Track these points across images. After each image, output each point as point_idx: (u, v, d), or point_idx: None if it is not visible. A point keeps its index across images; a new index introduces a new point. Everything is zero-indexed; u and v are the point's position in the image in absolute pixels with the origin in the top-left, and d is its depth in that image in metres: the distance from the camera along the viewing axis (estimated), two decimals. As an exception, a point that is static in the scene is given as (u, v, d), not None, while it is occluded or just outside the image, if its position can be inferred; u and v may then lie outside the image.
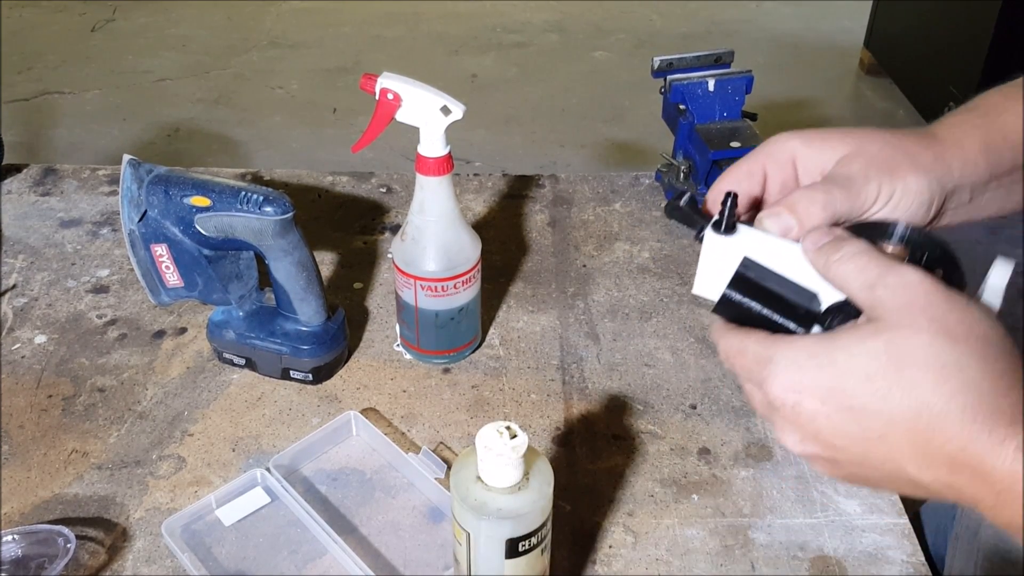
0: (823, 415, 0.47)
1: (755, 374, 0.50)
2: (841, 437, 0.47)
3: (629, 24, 3.83)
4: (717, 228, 0.54)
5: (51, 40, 3.72)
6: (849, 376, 0.46)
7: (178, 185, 0.81)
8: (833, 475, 0.51)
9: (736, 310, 0.52)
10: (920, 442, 0.45)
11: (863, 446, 0.47)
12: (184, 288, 0.87)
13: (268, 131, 3.12)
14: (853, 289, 0.48)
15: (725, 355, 0.52)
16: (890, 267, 0.47)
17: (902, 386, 0.44)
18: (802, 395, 0.47)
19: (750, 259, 0.53)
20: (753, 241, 0.53)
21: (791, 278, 0.52)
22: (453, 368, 0.92)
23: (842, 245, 0.49)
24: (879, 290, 0.47)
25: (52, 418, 0.86)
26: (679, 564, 0.74)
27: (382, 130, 0.81)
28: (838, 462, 0.49)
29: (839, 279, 0.49)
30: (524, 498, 0.60)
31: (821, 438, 0.48)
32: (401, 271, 0.87)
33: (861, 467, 0.48)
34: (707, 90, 1.12)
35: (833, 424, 0.47)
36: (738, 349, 0.51)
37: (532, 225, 1.12)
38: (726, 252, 0.54)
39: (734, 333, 0.52)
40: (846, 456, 0.48)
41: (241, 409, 0.87)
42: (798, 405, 0.47)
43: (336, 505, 0.78)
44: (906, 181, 0.55)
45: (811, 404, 0.47)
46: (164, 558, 0.74)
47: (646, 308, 0.99)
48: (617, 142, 3.05)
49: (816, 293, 0.51)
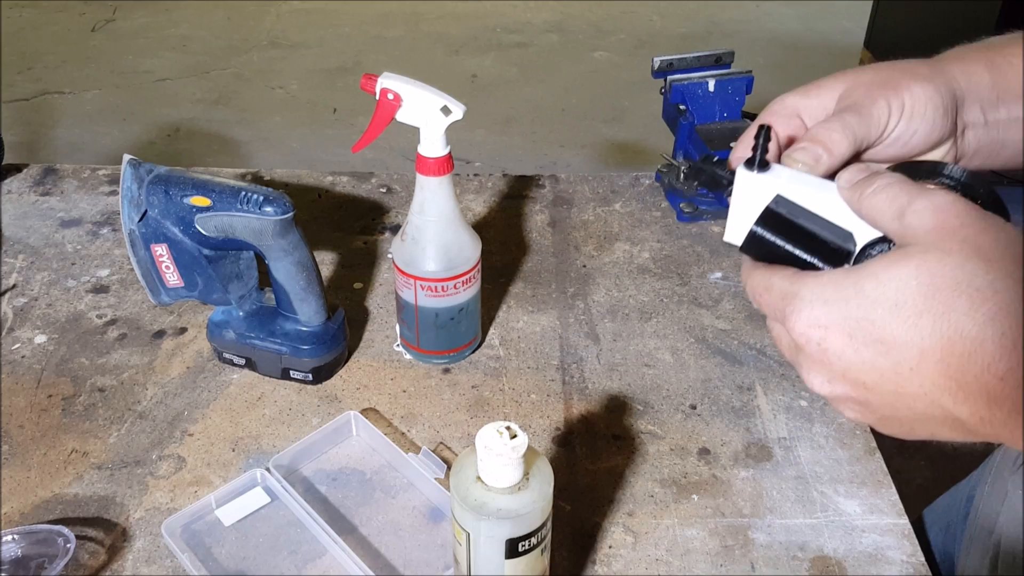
0: (851, 350, 0.44)
1: (780, 311, 0.47)
2: (871, 373, 0.44)
3: (629, 24, 3.84)
4: (750, 165, 0.51)
5: (51, 40, 3.72)
6: (877, 305, 0.43)
7: (178, 185, 0.81)
8: (865, 420, 0.47)
9: (764, 248, 0.50)
10: (955, 372, 0.41)
11: (895, 381, 0.43)
12: (184, 288, 0.87)
13: (268, 131, 3.12)
14: (885, 220, 0.46)
15: (752, 293, 0.50)
16: (920, 192, 0.45)
17: (934, 312, 0.41)
18: (828, 331, 0.44)
19: (782, 196, 0.50)
20: (786, 180, 0.51)
21: (825, 216, 0.49)
22: (453, 368, 0.92)
23: (874, 179, 0.47)
24: (908, 216, 0.44)
25: (52, 418, 0.86)
26: (679, 564, 0.74)
27: (382, 130, 0.81)
28: (869, 403, 0.46)
29: (871, 213, 0.47)
30: (524, 498, 0.60)
31: (850, 376, 0.45)
32: (401, 271, 0.87)
33: (894, 408, 0.45)
34: (707, 90, 1.12)
35: (862, 359, 0.44)
36: (764, 286, 0.48)
37: (532, 225, 1.12)
38: (758, 192, 0.51)
39: (761, 270, 0.49)
40: (877, 396, 0.45)
41: (241, 409, 0.87)
42: (824, 341, 0.45)
43: (336, 505, 0.78)
44: (911, 91, 0.53)
45: (838, 339, 0.44)
46: (164, 558, 0.74)
47: (646, 308, 0.99)
48: (617, 142, 3.05)
49: (851, 232, 0.49)
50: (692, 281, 1.03)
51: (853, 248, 0.49)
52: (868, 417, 0.47)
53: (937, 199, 0.44)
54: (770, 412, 0.87)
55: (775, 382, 0.90)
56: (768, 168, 0.51)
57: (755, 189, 0.51)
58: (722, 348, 0.94)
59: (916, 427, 0.46)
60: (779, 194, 0.50)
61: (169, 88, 3.39)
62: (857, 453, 0.83)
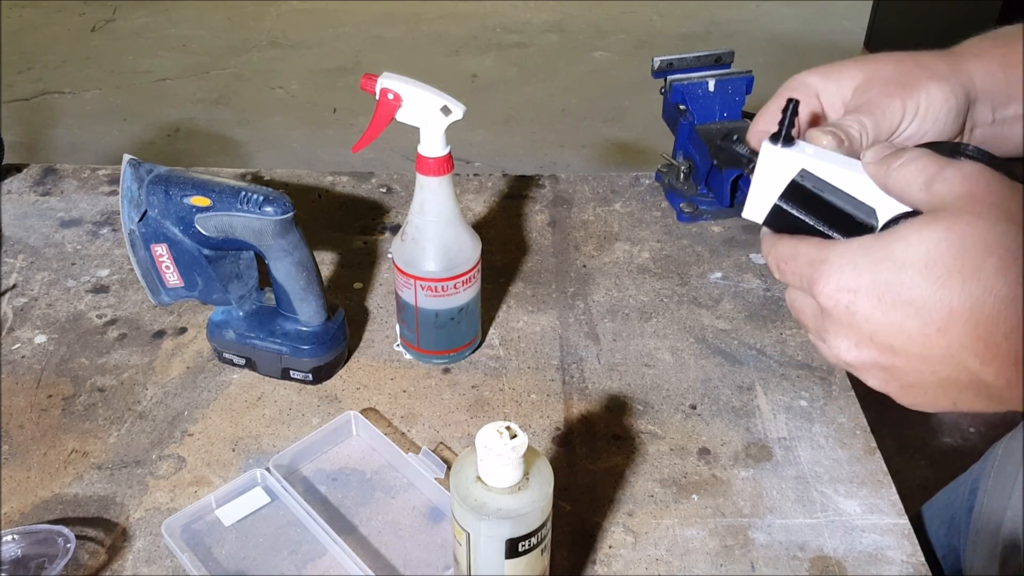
0: (880, 312, 0.44)
1: (806, 278, 0.47)
2: (899, 335, 0.44)
3: (629, 24, 3.84)
4: (775, 139, 0.51)
5: (51, 40, 3.72)
6: (907, 267, 0.43)
7: (178, 185, 0.81)
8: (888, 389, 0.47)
9: (788, 222, 0.50)
10: (983, 332, 0.42)
11: (922, 343, 0.43)
12: (184, 288, 0.87)
13: (268, 131, 3.12)
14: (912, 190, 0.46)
15: (776, 262, 0.50)
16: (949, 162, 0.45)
17: (963, 272, 0.41)
18: (857, 294, 0.44)
19: (807, 170, 0.50)
20: (811, 155, 0.50)
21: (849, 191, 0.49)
22: (453, 368, 0.92)
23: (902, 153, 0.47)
24: (937, 184, 0.44)
25: (52, 418, 0.86)
26: (679, 564, 0.74)
27: (382, 130, 0.81)
28: (895, 368, 0.46)
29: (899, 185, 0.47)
30: (524, 498, 0.60)
31: (878, 339, 0.45)
32: (401, 271, 0.87)
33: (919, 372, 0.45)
34: (707, 90, 1.12)
35: (890, 321, 0.44)
36: (790, 254, 0.48)
37: (532, 225, 1.12)
38: (782, 167, 0.51)
39: (787, 239, 0.49)
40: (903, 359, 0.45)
41: (241, 409, 0.87)
42: (852, 305, 0.45)
43: (336, 505, 0.78)
44: (928, 91, 0.54)
45: (867, 302, 0.44)
46: (164, 558, 0.74)
47: (646, 308, 0.99)
48: (617, 142, 3.05)
49: (874, 208, 0.49)
50: (692, 281, 1.03)
51: (876, 223, 0.49)
52: (891, 385, 0.47)
53: (966, 168, 0.44)
54: (770, 412, 0.87)
55: (775, 382, 0.90)
56: (793, 143, 0.51)
57: (779, 163, 0.51)
58: (722, 348, 0.94)
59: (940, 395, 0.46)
60: (804, 168, 0.50)
61: (169, 88, 3.39)
62: (857, 453, 0.83)
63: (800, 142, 0.52)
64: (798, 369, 0.91)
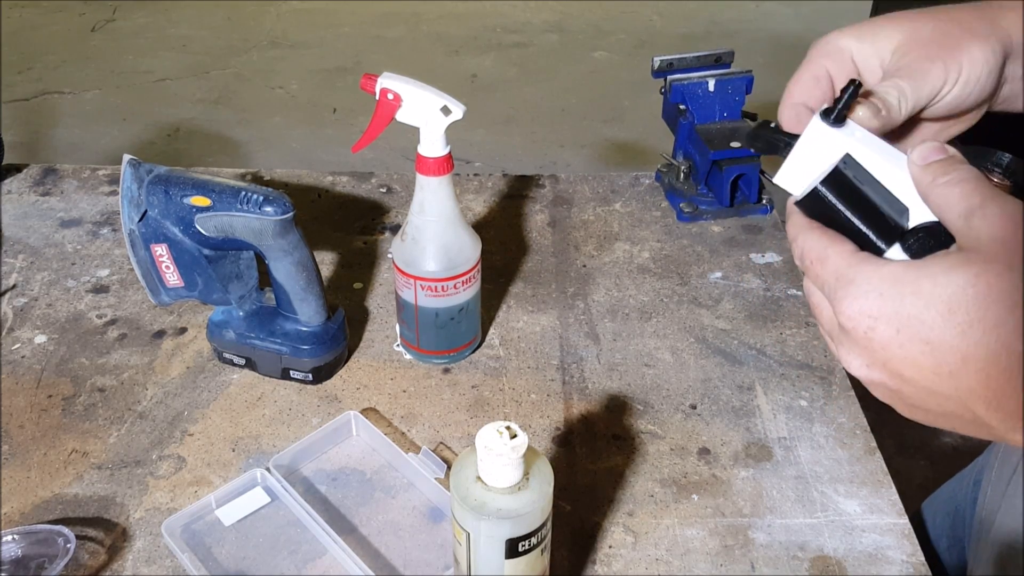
0: (896, 344, 0.44)
1: (830, 289, 0.47)
2: (911, 368, 0.45)
3: (629, 24, 3.84)
4: (827, 116, 0.50)
5: (51, 40, 3.72)
6: (931, 307, 0.43)
7: (178, 185, 0.81)
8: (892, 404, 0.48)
9: (821, 208, 0.49)
10: (994, 384, 0.42)
11: (932, 380, 0.44)
12: (184, 288, 0.87)
13: (268, 131, 3.12)
14: (951, 215, 0.46)
15: (801, 254, 0.50)
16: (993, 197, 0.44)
17: (985, 324, 0.42)
18: (878, 321, 0.45)
19: (852, 157, 0.49)
20: (858, 140, 0.50)
21: (887, 186, 0.49)
22: (453, 368, 0.92)
23: (952, 168, 0.47)
24: (976, 219, 0.44)
25: (52, 418, 0.86)
26: (679, 564, 0.74)
27: (382, 130, 0.81)
28: (902, 393, 0.47)
29: (939, 201, 0.46)
30: (524, 498, 0.60)
31: (890, 367, 0.46)
32: (401, 271, 0.87)
33: (925, 402, 0.46)
34: (707, 90, 1.12)
35: (906, 354, 0.44)
36: (819, 256, 0.48)
37: (532, 225, 1.12)
38: (826, 146, 0.50)
39: (818, 235, 0.49)
40: (912, 388, 0.46)
41: (241, 409, 0.87)
42: (871, 331, 0.45)
43: (336, 505, 0.78)
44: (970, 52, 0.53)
45: (886, 332, 0.45)
46: (164, 558, 0.74)
47: (646, 308, 0.99)
48: (617, 142, 3.05)
49: (908, 208, 0.48)
50: (692, 281, 1.03)
51: (906, 225, 0.48)
52: (897, 404, 0.48)
53: (1008, 207, 0.44)
54: (770, 412, 0.87)
55: (775, 382, 0.90)
56: (844, 123, 0.50)
57: (825, 142, 0.50)
58: (722, 348, 0.94)
59: (940, 420, 0.47)
60: (848, 154, 0.49)
61: (169, 88, 3.39)
62: (857, 453, 0.83)
63: (851, 123, 0.51)
64: (798, 369, 0.91)
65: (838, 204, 0.49)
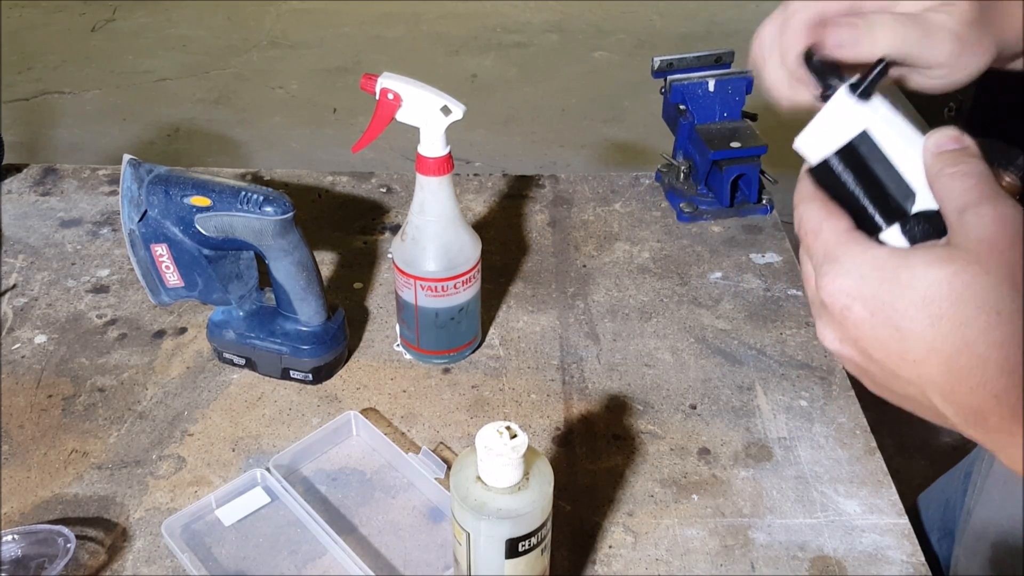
0: (869, 326, 0.46)
1: (817, 262, 0.49)
2: (880, 350, 0.47)
3: (629, 24, 3.83)
4: (853, 90, 0.50)
5: (51, 40, 3.72)
6: (905, 296, 0.45)
7: (178, 185, 0.81)
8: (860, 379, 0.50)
9: (830, 179, 0.50)
10: (953, 378, 0.44)
11: (897, 365, 0.46)
12: (184, 288, 0.87)
13: (268, 131, 3.12)
14: (949, 208, 0.47)
15: (798, 223, 0.51)
16: (991, 197, 0.45)
17: (954, 320, 0.44)
18: (855, 301, 0.46)
19: (868, 134, 0.50)
20: (879, 117, 0.50)
21: (898, 168, 0.49)
22: (453, 368, 0.92)
23: (962, 160, 0.47)
24: (969, 215, 0.45)
25: (52, 418, 0.86)
26: (679, 564, 0.74)
27: (382, 130, 0.81)
28: (869, 371, 0.49)
29: (942, 191, 0.47)
30: (524, 498, 0.60)
31: (860, 346, 0.47)
32: (401, 271, 0.87)
33: (889, 383, 0.48)
34: (707, 90, 1.12)
35: (876, 336, 0.46)
36: (813, 227, 0.49)
37: (532, 225, 1.12)
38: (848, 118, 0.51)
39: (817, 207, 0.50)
40: (878, 369, 0.48)
41: (241, 409, 0.87)
42: (847, 309, 0.47)
43: (336, 505, 0.78)
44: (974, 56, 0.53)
45: (861, 312, 0.46)
46: (164, 558, 0.74)
47: (646, 308, 0.99)
48: (617, 142, 3.05)
49: (915, 192, 0.49)
50: (692, 281, 1.03)
51: (909, 209, 0.49)
52: (863, 379, 0.50)
53: (1002, 209, 0.45)
54: (770, 412, 0.87)
55: (775, 382, 0.90)
56: (869, 99, 0.51)
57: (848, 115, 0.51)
58: (722, 348, 0.94)
59: (903, 402, 0.49)
60: (866, 131, 0.50)
61: (169, 88, 3.39)
62: (857, 453, 0.83)
63: (876, 98, 0.51)
64: (798, 369, 0.91)
65: (846, 178, 0.50)
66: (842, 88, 0.51)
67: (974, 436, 0.46)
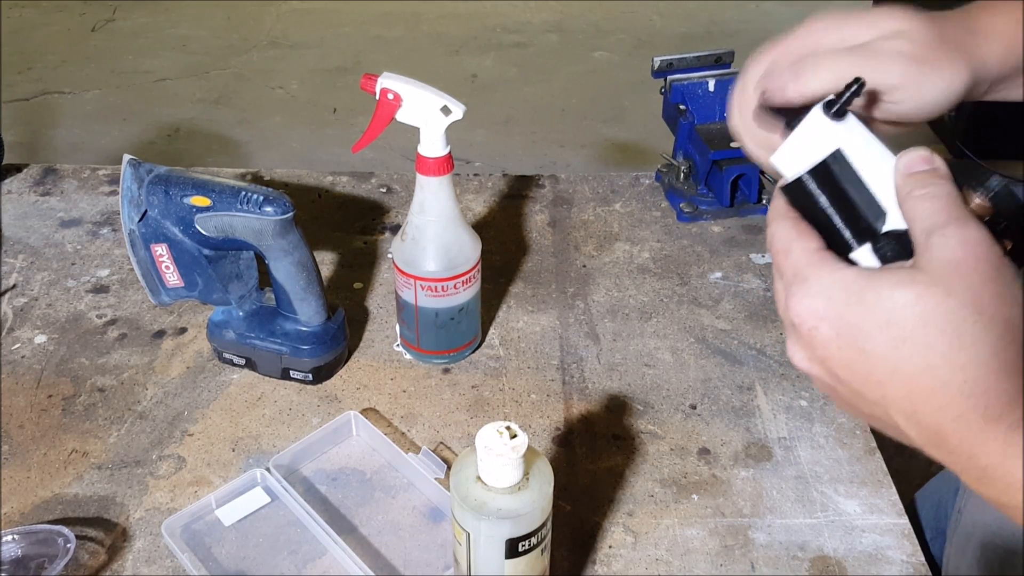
0: (835, 346, 0.47)
1: (787, 281, 0.50)
2: (845, 370, 0.47)
3: (629, 24, 3.83)
4: (828, 108, 0.51)
5: (51, 40, 3.72)
6: (871, 317, 0.46)
7: (178, 185, 0.81)
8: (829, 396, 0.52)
9: (803, 197, 0.51)
10: (916, 400, 0.45)
11: (862, 385, 0.47)
12: (184, 288, 0.87)
13: (268, 131, 3.11)
14: (916, 229, 0.47)
15: (770, 241, 0.52)
16: (957, 220, 0.46)
17: (916, 343, 0.44)
18: (822, 323, 0.47)
19: (842, 153, 0.50)
20: (853, 137, 0.51)
21: (870, 188, 0.50)
22: (453, 368, 0.92)
23: (930, 181, 0.48)
24: (935, 238, 0.46)
25: (52, 418, 0.86)
26: (679, 564, 0.74)
27: (382, 130, 0.81)
28: (836, 390, 0.50)
29: (910, 213, 0.48)
30: (524, 498, 0.60)
31: (827, 366, 0.48)
32: (401, 271, 0.87)
33: (854, 402, 0.49)
34: (707, 90, 1.12)
35: (842, 356, 0.47)
36: (784, 247, 0.50)
37: (532, 225, 1.12)
38: (822, 137, 0.51)
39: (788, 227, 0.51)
40: (844, 388, 0.49)
41: (241, 409, 0.87)
42: (814, 330, 0.48)
43: (336, 505, 0.78)
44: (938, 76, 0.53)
45: (828, 333, 0.47)
46: (164, 558, 0.74)
47: (646, 308, 0.99)
48: (617, 142, 3.05)
49: (886, 212, 0.49)
50: (692, 281, 1.03)
51: (880, 228, 0.49)
52: (832, 397, 0.51)
53: (967, 232, 0.45)
54: (770, 412, 0.87)
55: (775, 382, 0.90)
56: (843, 118, 0.51)
57: (822, 134, 0.51)
58: (722, 348, 0.94)
59: (871, 421, 0.50)
60: (839, 150, 0.50)
61: (169, 88, 3.39)
62: (857, 453, 0.83)
63: (851, 117, 0.51)
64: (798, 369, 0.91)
65: (818, 197, 0.50)
66: (817, 107, 0.51)
67: (936, 456, 0.47)
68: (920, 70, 0.53)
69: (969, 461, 0.45)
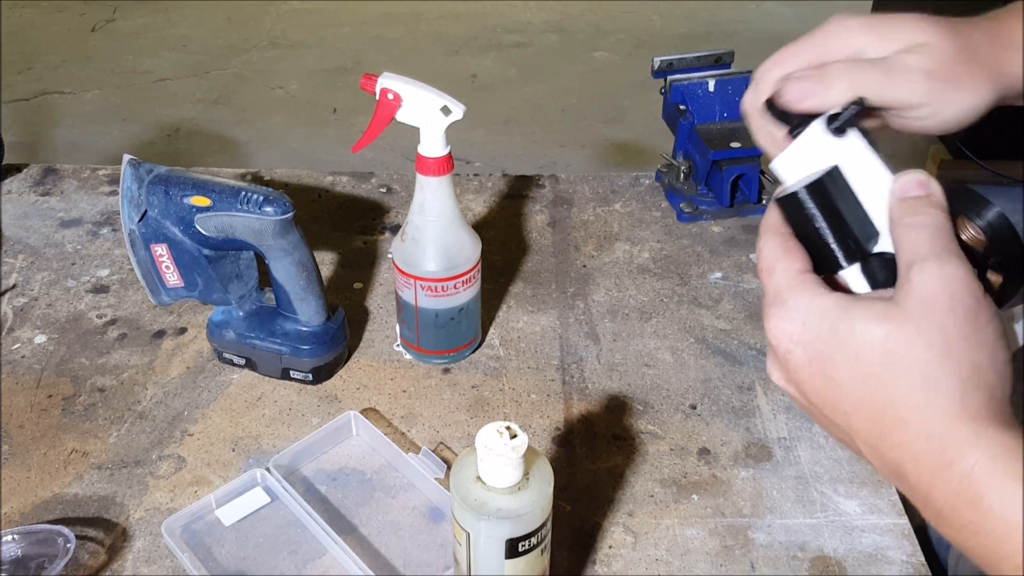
0: (807, 372, 0.48)
1: (768, 300, 0.50)
2: (816, 395, 0.49)
3: (629, 24, 3.83)
4: (829, 123, 0.51)
5: (51, 40, 3.72)
6: (842, 350, 0.46)
7: (178, 185, 0.81)
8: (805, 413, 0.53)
9: (797, 212, 0.50)
10: (877, 434, 0.46)
11: (831, 411, 0.48)
12: (184, 288, 0.87)
13: (268, 131, 3.11)
14: (900, 259, 0.47)
15: (757, 255, 0.52)
16: (939, 255, 0.46)
17: (882, 379, 0.45)
18: (796, 347, 0.48)
19: (839, 171, 0.50)
20: (852, 154, 0.50)
21: (865, 208, 0.50)
22: (453, 368, 0.92)
23: (923, 210, 0.47)
24: (915, 272, 0.46)
25: (52, 418, 0.86)
26: (679, 564, 0.74)
27: (382, 130, 0.81)
28: (809, 410, 0.51)
29: (897, 241, 0.48)
30: (524, 498, 0.60)
31: (801, 388, 0.50)
32: (401, 271, 0.87)
33: (826, 425, 0.50)
34: (707, 90, 1.12)
35: (813, 382, 0.48)
36: (768, 266, 0.51)
37: (532, 225, 1.12)
38: (821, 152, 0.51)
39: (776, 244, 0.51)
40: (816, 411, 0.50)
41: (241, 409, 0.87)
42: (789, 353, 0.48)
43: (336, 505, 0.78)
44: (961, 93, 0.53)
45: (801, 358, 0.48)
46: (164, 558, 0.74)
47: (646, 308, 0.99)
48: (617, 142, 3.05)
49: (879, 233, 0.50)
50: (692, 281, 1.03)
51: (871, 249, 0.49)
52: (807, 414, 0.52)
53: (946, 269, 0.45)
54: (770, 412, 0.87)
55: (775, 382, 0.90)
56: (844, 134, 0.51)
57: (822, 149, 0.51)
58: (722, 348, 0.94)
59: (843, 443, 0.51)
60: (837, 167, 0.50)
61: (169, 88, 3.39)
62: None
63: (851, 133, 0.51)
64: (798, 369, 0.91)
65: (812, 213, 0.50)
66: (818, 120, 0.51)
67: (898, 487, 0.47)
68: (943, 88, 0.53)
69: (926, 500, 0.45)
